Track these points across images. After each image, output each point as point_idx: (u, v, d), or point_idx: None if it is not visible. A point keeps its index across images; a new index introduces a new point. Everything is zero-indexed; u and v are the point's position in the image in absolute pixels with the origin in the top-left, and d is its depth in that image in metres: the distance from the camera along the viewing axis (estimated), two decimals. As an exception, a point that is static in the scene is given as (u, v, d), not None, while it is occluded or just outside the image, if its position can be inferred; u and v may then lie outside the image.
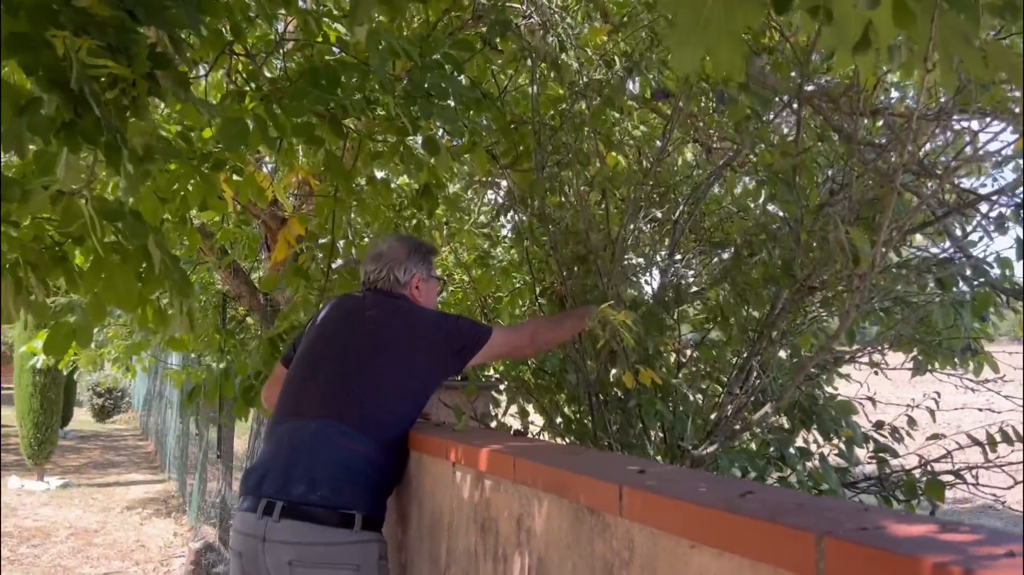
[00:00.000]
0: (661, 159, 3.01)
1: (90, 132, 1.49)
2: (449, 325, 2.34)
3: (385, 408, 2.19)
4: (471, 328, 2.37)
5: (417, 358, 2.25)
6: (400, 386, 2.22)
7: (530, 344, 2.45)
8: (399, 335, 2.28)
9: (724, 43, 1.00)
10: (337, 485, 2.05)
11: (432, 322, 2.34)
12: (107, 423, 18.46)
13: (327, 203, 3.35)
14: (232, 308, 6.62)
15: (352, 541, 2.03)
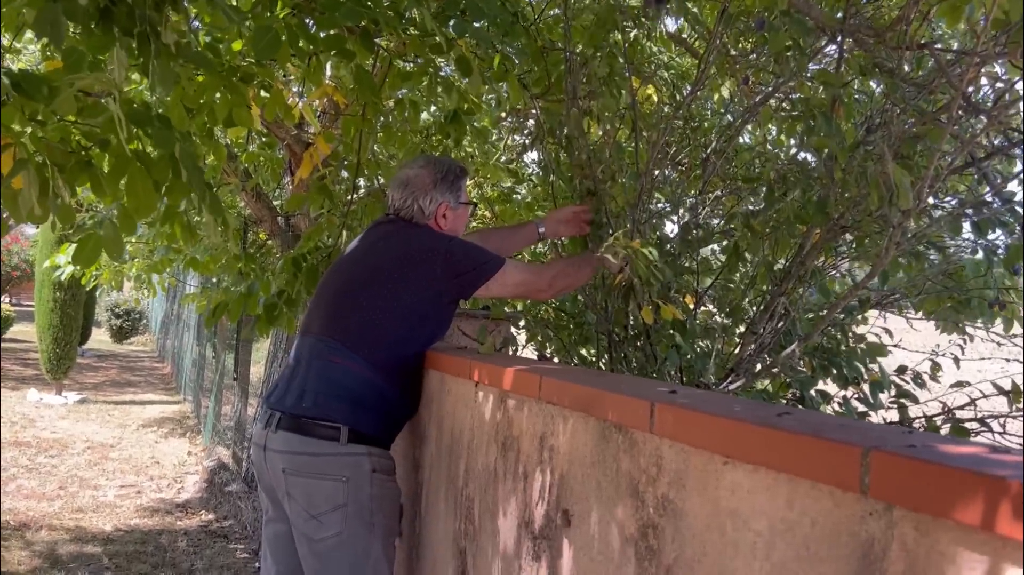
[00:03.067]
0: (694, 93, 2.95)
1: (124, 23, 1.45)
2: (452, 247, 2.27)
3: (380, 327, 2.21)
4: (479, 254, 2.29)
5: (412, 278, 2.23)
6: (396, 307, 2.22)
7: (548, 287, 2.38)
8: (397, 256, 2.28)
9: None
10: (321, 398, 2.14)
11: (430, 244, 2.28)
12: (124, 344, 18.70)
13: (354, 122, 3.31)
14: (253, 232, 6.62)
15: (339, 453, 2.10)
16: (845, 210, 2.18)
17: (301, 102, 3.81)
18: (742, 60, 3.46)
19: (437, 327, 2.32)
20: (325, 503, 2.09)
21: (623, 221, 2.54)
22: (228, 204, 6.44)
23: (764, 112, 2.64)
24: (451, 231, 2.41)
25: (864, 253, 2.41)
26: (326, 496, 2.09)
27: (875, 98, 2.66)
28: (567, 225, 2.64)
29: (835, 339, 2.57)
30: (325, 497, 2.09)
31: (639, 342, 2.53)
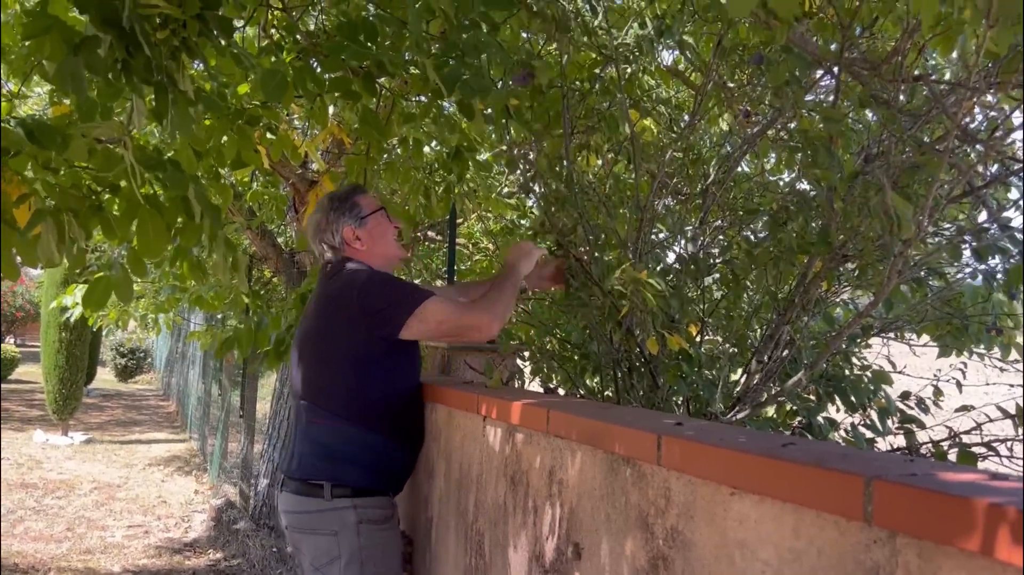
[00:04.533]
0: (692, 126, 3.00)
1: (141, 73, 1.50)
2: (366, 284, 2.21)
3: (337, 381, 2.25)
4: (397, 291, 2.21)
5: (340, 327, 2.25)
6: (342, 358, 2.24)
7: (489, 322, 2.18)
8: (325, 309, 2.31)
9: (783, -13, 0.99)
10: (306, 459, 2.26)
11: (346, 288, 2.24)
12: (129, 383, 18.71)
13: (358, 161, 3.36)
14: (258, 269, 6.67)
15: (325, 509, 2.19)
16: (846, 239, 2.21)
17: (306, 139, 3.88)
18: (739, 91, 3.51)
19: (394, 367, 2.27)
20: (324, 556, 2.20)
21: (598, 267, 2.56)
22: (233, 242, 6.50)
23: (763, 144, 2.69)
24: (375, 247, 2.38)
25: (866, 281, 2.43)
26: (323, 550, 2.20)
27: (872, 127, 2.70)
28: (552, 280, 2.65)
29: (839, 366, 2.59)
30: (323, 551, 2.20)
31: (645, 372, 2.55)
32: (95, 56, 1.40)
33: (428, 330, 2.18)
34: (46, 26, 1.43)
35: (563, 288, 2.72)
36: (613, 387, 2.74)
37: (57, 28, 1.43)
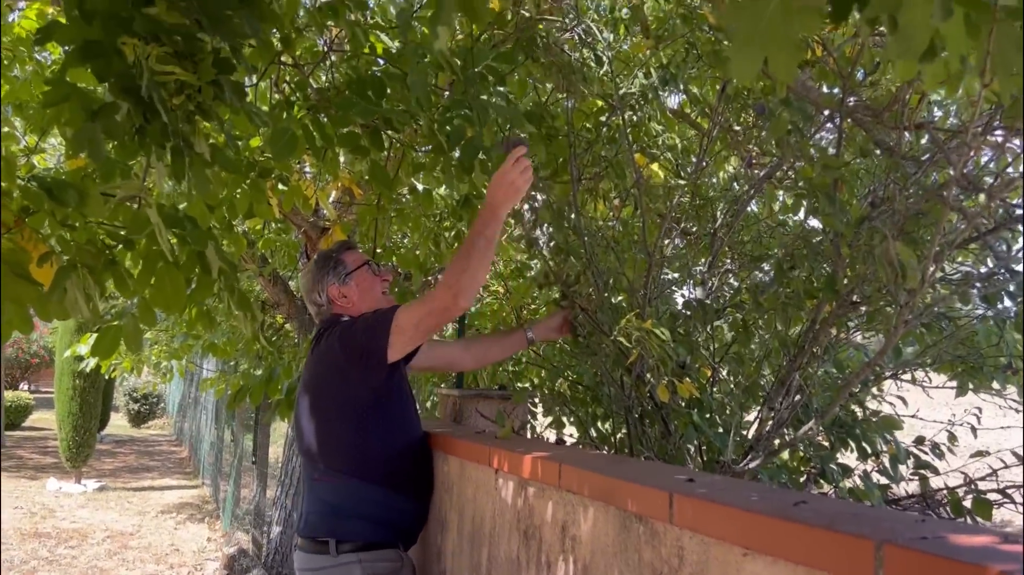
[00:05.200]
0: (699, 171, 3.03)
1: (158, 138, 1.54)
2: (348, 327, 2.25)
3: (335, 436, 2.27)
4: (369, 318, 2.24)
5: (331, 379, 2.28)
6: (337, 411, 2.27)
7: (453, 301, 2.11)
8: (317, 365, 2.34)
9: (782, 51, 1.02)
10: (313, 517, 2.27)
11: (332, 337, 2.28)
12: (142, 428, 18.71)
13: (369, 211, 3.40)
14: (270, 315, 6.71)
15: (332, 565, 2.20)
16: (854, 286, 2.22)
17: (317, 189, 3.93)
18: (744, 135, 3.55)
19: (390, 418, 2.28)
20: None
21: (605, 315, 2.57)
22: (246, 289, 6.55)
23: (769, 190, 2.71)
24: (361, 302, 2.41)
25: (876, 326, 2.44)
26: None
27: (876, 172, 2.73)
28: (559, 330, 2.67)
29: (851, 412, 2.58)
30: None
31: (657, 419, 2.55)
32: (113, 122, 1.44)
33: (411, 338, 2.17)
34: (65, 94, 1.47)
35: (571, 336, 2.74)
36: (625, 432, 2.73)
37: (76, 96, 1.47)
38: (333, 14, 2.79)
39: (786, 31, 1.02)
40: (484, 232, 2.15)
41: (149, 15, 1.57)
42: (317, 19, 2.76)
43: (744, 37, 1.03)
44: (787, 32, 1.02)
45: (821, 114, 2.48)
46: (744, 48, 1.03)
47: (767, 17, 1.03)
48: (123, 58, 1.51)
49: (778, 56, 1.02)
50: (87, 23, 1.48)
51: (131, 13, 1.53)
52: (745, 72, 1.06)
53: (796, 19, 1.02)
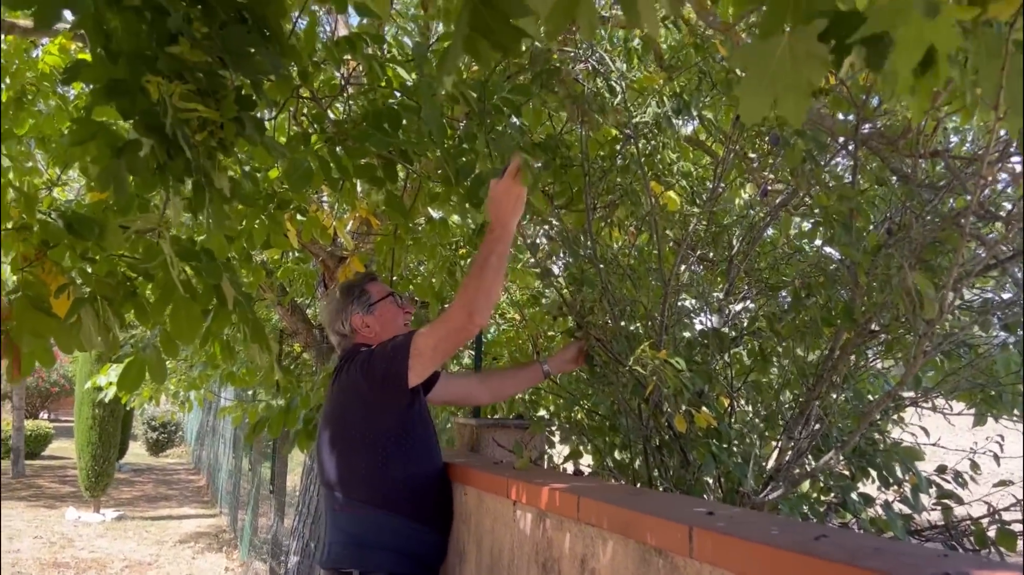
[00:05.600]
0: (715, 199, 3.03)
1: (180, 173, 1.57)
2: (368, 357, 2.26)
3: (358, 466, 2.26)
4: (387, 346, 2.24)
5: (354, 408, 2.28)
6: (359, 440, 2.26)
7: (468, 317, 2.10)
8: (339, 395, 2.34)
9: (790, 95, 1.03)
10: (336, 547, 2.26)
11: (356, 372, 2.28)
12: (160, 457, 18.76)
13: (386, 241, 3.43)
14: (288, 344, 6.74)
15: None
16: (872, 314, 2.21)
17: (335, 219, 3.96)
18: (759, 162, 3.55)
19: (412, 448, 2.28)
20: None
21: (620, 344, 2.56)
22: (264, 318, 6.60)
23: (785, 218, 2.71)
24: (384, 333, 2.42)
25: (895, 354, 2.42)
26: None
27: (892, 200, 2.73)
28: (574, 362, 2.68)
29: (872, 441, 2.56)
30: None
31: (675, 449, 2.54)
32: (136, 159, 1.47)
33: (430, 360, 2.17)
34: (92, 132, 1.50)
35: (587, 367, 2.74)
36: (643, 461, 2.72)
37: (102, 134, 1.50)
38: (350, 48, 2.83)
39: (794, 75, 1.03)
40: (495, 249, 2.15)
41: (173, 54, 1.61)
42: (335, 53, 2.81)
43: (753, 79, 1.04)
44: (795, 76, 1.03)
45: (836, 142, 2.48)
46: (754, 90, 1.04)
47: (775, 61, 1.04)
48: (147, 96, 1.54)
49: (787, 98, 1.03)
50: (112, 62, 1.51)
51: (155, 52, 1.57)
52: (755, 113, 1.07)
53: (803, 64, 1.04)
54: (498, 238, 2.17)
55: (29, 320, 2.11)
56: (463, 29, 0.94)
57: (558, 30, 1.04)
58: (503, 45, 0.94)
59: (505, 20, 0.93)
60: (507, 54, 0.95)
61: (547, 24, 1.02)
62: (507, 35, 0.93)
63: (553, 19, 1.03)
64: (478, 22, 0.94)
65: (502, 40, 0.94)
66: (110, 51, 1.50)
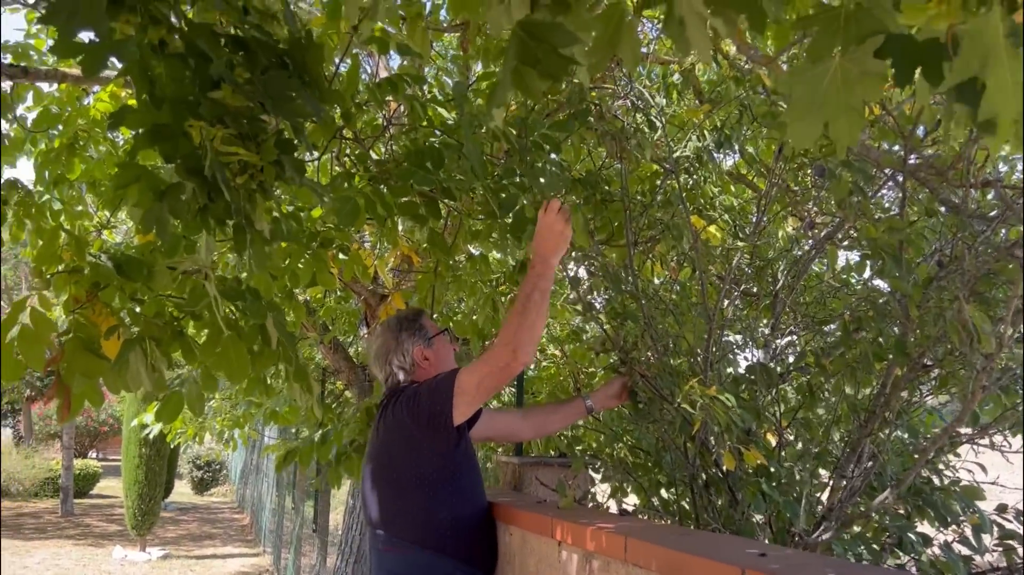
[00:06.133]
0: (757, 232, 2.99)
1: (221, 216, 1.59)
2: (414, 396, 2.23)
3: (405, 506, 2.23)
4: (432, 383, 2.23)
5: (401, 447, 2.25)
6: (406, 480, 2.23)
7: (512, 354, 2.07)
8: (388, 433, 2.31)
9: (843, 117, 1.01)
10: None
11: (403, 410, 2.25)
12: (205, 495, 18.91)
13: (427, 279, 3.44)
14: (331, 382, 6.78)
15: None
16: (925, 348, 2.15)
17: (376, 258, 4.00)
18: (803, 195, 3.51)
19: (458, 488, 2.25)
20: None
21: (666, 381, 2.52)
22: (306, 356, 6.65)
23: (831, 251, 2.66)
24: (439, 366, 2.42)
25: (949, 389, 2.35)
26: None
27: (943, 231, 2.67)
28: (617, 398, 2.64)
29: (927, 479, 2.48)
30: None
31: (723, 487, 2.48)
32: (178, 202, 1.49)
33: (474, 398, 2.16)
34: (135, 175, 1.53)
35: (631, 403, 2.70)
36: (689, 500, 2.66)
37: (145, 178, 1.53)
38: (392, 89, 2.87)
39: (846, 97, 1.01)
40: (538, 285, 2.14)
41: (215, 99, 1.64)
42: (376, 95, 2.85)
43: (802, 103, 1.02)
44: (847, 98, 1.01)
45: (882, 173, 2.44)
46: (803, 114, 1.02)
47: (825, 83, 1.03)
48: (190, 140, 1.57)
49: (838, 122, 1.01)
50: (156, 107, 1.54)
51: (198, 98, 1.60)
52: (804, 138, 1.05)
53: (856, 85, 1.02)
54: (540, 274, 2.16)
55: (80, 361, 2.14)
56: (511, 62, 0.94)
57: (601, 64, 1.03)
58: (551, 74, 0.94)
59: (552, 50, 0.93)
60: (557, 81, 0.95)
61: (590, 57, 1.01)
62: (555, 64, 0.93)
63: (596, 52, 1.02)
64: (526, 54, 0.94)
65: (550, 69, 0.94)
66: (154, 96, 1.54)
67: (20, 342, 2.02)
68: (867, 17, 1.06)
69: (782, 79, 1.11)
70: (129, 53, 1.53)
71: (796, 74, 1.06)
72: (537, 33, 0.95)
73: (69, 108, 4.30)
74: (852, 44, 1.05)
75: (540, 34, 0.95)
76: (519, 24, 0.96)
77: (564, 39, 0.96)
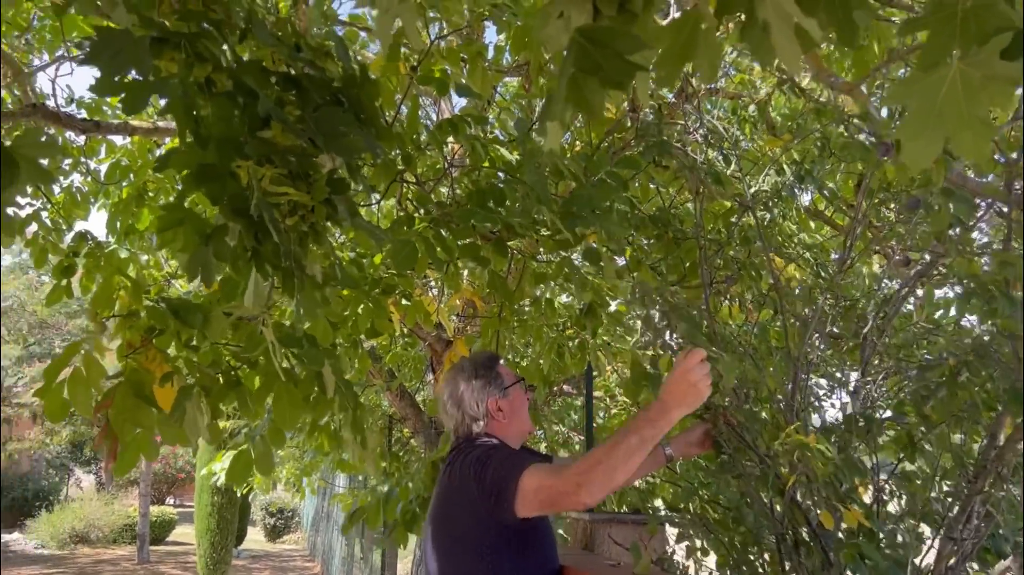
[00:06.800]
0: (843, 271, 2.80)
1: (270, 259, 1.50)
2: (484, 469, 2.03)
3: (469, 570, 2.05)
4: (502, 470, 2.01)
5: (461, 512, 2.07)
6: (465, 546, 2.06)
7: (576, 489, 1.84)
8: (449, 495, 2.12)
9: (967, 129, 0.85)
10: None
11: (466, 471, 2.07)
12: (277, 543, 18.99)
13: (491, 323, 3.33)
14: (398, 430, 6.70)
15: None
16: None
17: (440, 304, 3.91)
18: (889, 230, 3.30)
19: (524, 555, 2.08)
20: None
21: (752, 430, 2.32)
22: (372, 403, 6.60)
23: (928, 290, 2.45)
24: (513, 420, 2.24)
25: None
26: None
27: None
28: (699, 446, 2.42)
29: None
30: None
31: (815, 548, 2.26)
32: (223, 245, 1.40)
33: (531, 504, 1.95)
34: (180, 218, 1.46)
35: (713, 452, 2.51)
36: (777, 561, 2.45)
37: (190, 220, 1.45)
38: (453, 130, 2.80)
39: (969, 107, 0.86)
40: (643, 431, 1.85)
41: (263, 138, 1.57)
42: (438, 137, 2.78)
43: (918, 118, 0.87)
44: (971, 107, 0.85)
45: (985, 204, 2.23)
46: (919, 131, 0.86)
47: (943, 93, 0.87)
48: (237, 181, 1.49)
49: (962, 136, 0.85)
50: (202, 148, 1.47)
51: (245, 137, 1.53)
52: (922, 157, 0.89)
53: (980, 92, 0.86)
54: (651, 421, 1.87)
55: (129, 409, 2.08)
56: (568, 70, 0.81)
57: (672, 75, 0.90)
58: (614, 81, 0.81)
59: (616, 55, 0.80)
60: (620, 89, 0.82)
61: (659, 68, 0.88)
62: (618, 70, 0.80)
63: (666, 62, 0.89)
64: (585, 60, 0.81)
65: (613, 76, 0.81)
66: (199, 136, 1.47)
67: (70, 384, 1.98)
68: (988, 12, 0.91)
69: (892, 92, 0.96)
70: (172, 90, 1.46)
71: (908, 85, 0.91)
72: (599, 38, 0.82)
73: (140, 160, 4.38)
74: (972, 45, 0.89)
75: (602, 39, 0.82)
76: (578, 30, 0.84)
77: (629, 44, 0.84)
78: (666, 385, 1.88)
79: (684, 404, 1.86)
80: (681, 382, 1.86)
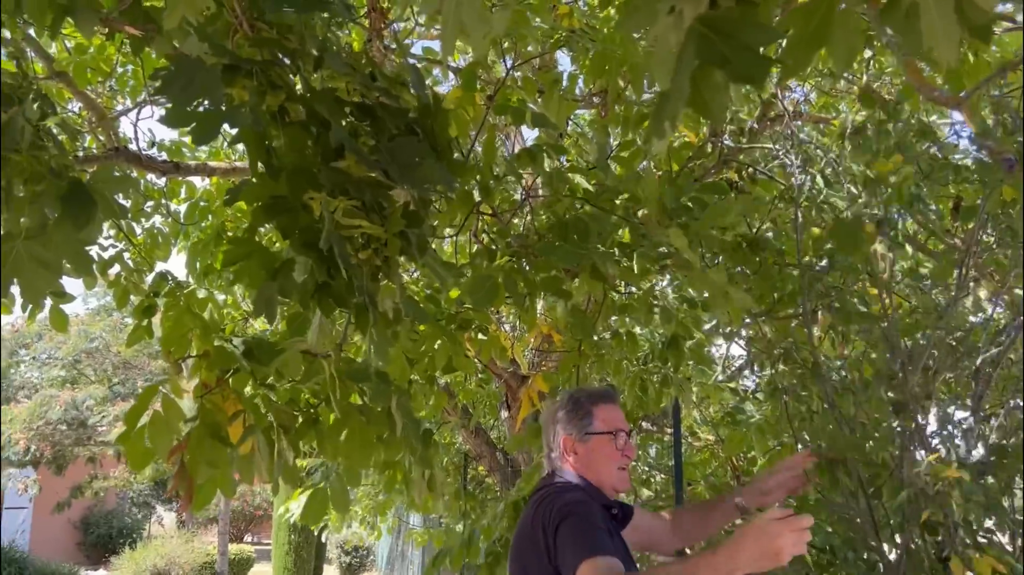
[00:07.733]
0: (957, 301, 2.59)
1: (341, 294, 1.41)
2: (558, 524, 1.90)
3: None
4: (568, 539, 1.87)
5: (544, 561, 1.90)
6: None
7: None
8: (532, 534, 1.97)
9: None
10: None
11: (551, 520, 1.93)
12: (353, 581, 18.98)
13: (571, 358, 3.21)
14: (473, 468, 6.60)
15: None
16: None
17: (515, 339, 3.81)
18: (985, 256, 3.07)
19: None
20: None
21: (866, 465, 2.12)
22: (447, 442, 6.50)
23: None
24: (590, 469, 2.08)
25: None
26: None
27: None
28: (773, 495, 2.21)
29: None
30: None
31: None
32: (290, 280, 1.32)
33: None
34: (247, 252, 1.38)
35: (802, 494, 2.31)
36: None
37: (257, 254, 1.37)
38: (531, 160, 2.71)
39: None
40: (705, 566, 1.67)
41: (337, 169, 1.49)
42: (515, 167, 2.70)
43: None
44: None
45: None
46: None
47: None
48: (309, 213, 1.41)
49: None
50: (274, 179, 1.40)
51: (319, 167, 1.45)
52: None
53: None
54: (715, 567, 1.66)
55: (205, 449, 2.03)
56: (688, 64, 0.70)
57: (802, 63, 0.77)
58: (744, 75, 0.69)
59: (744, 47, 0.68)
60: (755, 84, 0.70)
61: (790, 56, 0.75)
62: (750, 63, 0.68)
63: (795, 50, 0.77)
64: (709, 52, 0.69)
65: (743, 71, 0.69)
66: (271, 167, 1.39)
67: (150, 430, 1.93)
68: None
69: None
70: (242, 119, 1.40)
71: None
72: (723, 28, 0.70)
73: (218, 200, 4.42)
74: None
75: (727, 29, 0.70)
76: (698, 19, 0.72)
77: (760, 35, 0.71)
78: (747, 535, 1.65)
79: (756, 566, 1.64)
80: (764, 539, 1.62)
